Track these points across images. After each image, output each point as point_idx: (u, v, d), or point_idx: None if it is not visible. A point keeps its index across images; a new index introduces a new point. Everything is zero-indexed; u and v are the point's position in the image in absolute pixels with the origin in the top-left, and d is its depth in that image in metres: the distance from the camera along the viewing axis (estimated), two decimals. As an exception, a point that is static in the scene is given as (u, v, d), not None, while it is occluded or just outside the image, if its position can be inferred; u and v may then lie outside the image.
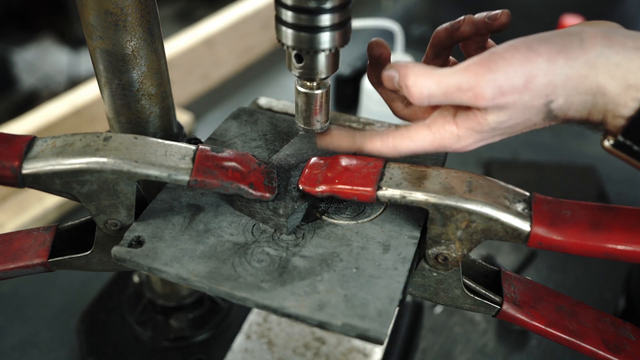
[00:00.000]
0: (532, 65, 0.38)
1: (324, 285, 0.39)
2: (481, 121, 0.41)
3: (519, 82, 0.38)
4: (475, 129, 0.42)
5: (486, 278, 0.47)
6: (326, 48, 0.41)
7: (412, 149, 0.44)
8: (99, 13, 0.45)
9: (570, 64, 0.38)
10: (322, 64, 0.43)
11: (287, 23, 0.41)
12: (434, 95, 0.40)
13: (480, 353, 0.78)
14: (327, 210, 0.46)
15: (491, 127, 0.41)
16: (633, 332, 0.44)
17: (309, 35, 0.41)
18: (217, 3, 1.72)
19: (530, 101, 0.39)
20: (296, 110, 0.47)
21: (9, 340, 0.78)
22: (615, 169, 1.06)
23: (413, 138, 0.44)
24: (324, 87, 0.45)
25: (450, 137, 0.43)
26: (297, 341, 0.69)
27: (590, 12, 1.43)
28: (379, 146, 0.45)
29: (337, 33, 0.41)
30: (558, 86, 0.38)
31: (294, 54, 0.43)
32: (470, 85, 0.39)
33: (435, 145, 0.43)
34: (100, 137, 0.42)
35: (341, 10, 0.40)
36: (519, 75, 0.38)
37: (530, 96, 0.39)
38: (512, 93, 0.39)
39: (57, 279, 0.85)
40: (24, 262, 0.46)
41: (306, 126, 0.47)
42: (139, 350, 0.70)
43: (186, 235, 0.43)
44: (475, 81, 0.39)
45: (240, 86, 1.32)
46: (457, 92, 0.39)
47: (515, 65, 0.38)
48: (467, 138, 0.42)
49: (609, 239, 0.37)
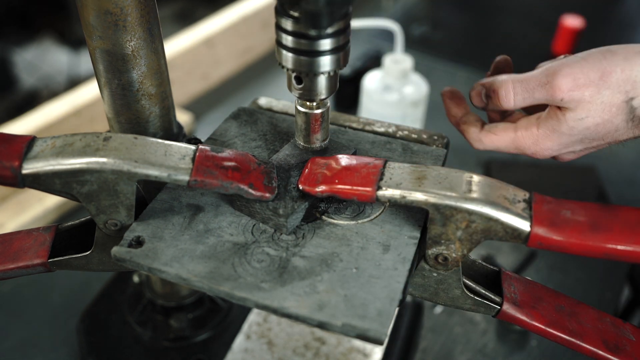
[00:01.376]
0: (608, 61, 0.40)
1: (324, 285, 0.39)
2: (560, 117, 0.43)
3: (594, 76, 0.40)
4: (554, 129, 0.43)
5: (486, 278, 0.47)
6: (325, 71, 0.42)
7: (495, 144, 0.47)
8: (98, 13, 0.45)
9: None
10: (322, 85, 0.44)
11: (287, 47, 0.42)
12: (517, 92, 0.43)
13: (480, 353, 0.78)
14: (327, 210, 0.46)
15: (569, 125, 0.42)
16: (633, 332, 0.44)
17: (309, 59, 0.42)
18: (217, 3, 1.72)
19: (608, 97, 0.40)
20: (296, 128, 0.48)
21: (9, 340, 0.77)
22: (615, 169, 1.06)
23: (498, 134, 0.47)
24: (324, 106, 0.46)
25: (530, 136, 0.45)
26: (297, 341, 0.69)
27: (590, 12, 1.43)
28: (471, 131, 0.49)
29: (336, 56, 0.42)
30: (638, 82, 0.40)
31: (294, 75, 0.44)
32: (548, 79, 0.42)
33: (516, 143, 0.46)
34: (100, 137, 0.42)
35: (340, 34, 0.41)
36: (595, 70, 0.40)
37: (609, 91, 0.40)
38: (588, 86, 0.40)
39: (57, 279, 0.85)
40: (24, 262, 0.46)
41: (306, 144, 0.49)
42: (139, 350, 0.70)
43: (186, 235, 0.43)
44: (553, 76, 0.41)
45: (240, 86, 1.32)
46: (538, 87, 0.42)
47: (592, 62, 0.41)
48: (545, 140, 0.44)
49: (609, 239, 0.37)
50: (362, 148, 0.52)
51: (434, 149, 0.52)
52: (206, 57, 1.26)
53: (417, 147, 0.52)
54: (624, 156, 1.11)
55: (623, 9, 1.63)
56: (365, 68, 1.16)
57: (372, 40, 1.41)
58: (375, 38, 1.41)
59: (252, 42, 1.37)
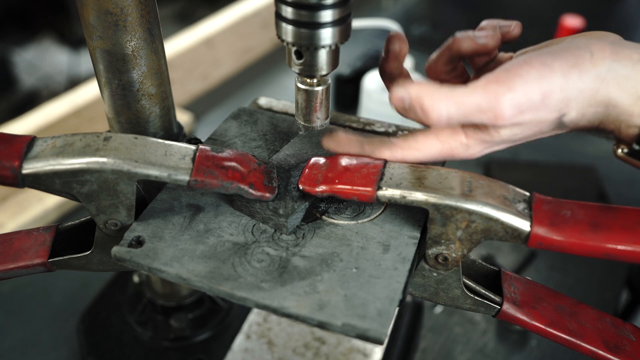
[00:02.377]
0: (548, 81, 0.39)
1: (324, 285, 0.39)
2: (493, 134, 0.42)
3: (536, 100, 0.39)
4: (485, 140, 0.42)
5: (486, 278, 0.47)
6: (326, 44, 0.41)
7: (420, 159, 0.44)
8: (99, 13, 0.45)
9: (582, 79, 0.39)
10: (323, 60, 0.43)
11: (287, 19, 0.41)
12: (453, 117, 0.40)
13: (480, 353, 0.78)
14: (327, 210, 0.46)
15: (503, 139, 0.42)
16: (633, 332, 0.44)
17: (309, 31, 0.40)
18: (217, 3, 1.72)
19: (544, 116, 0.40)
20: (296, 107, 0.47)
21: (9, 340, 0.77)
22: (615, 169, 1.06)
23: (421, 148, 0.44)
24: (324, 83, 0.45)
25: (459, 146, 0.43)
26: (297, 341, 0.69)
27: (590, 12, 1.43)
28: (387, 156, 0.44)
29: (338, 29, 0.41)
30: (571, 100, 0.39)
31: (294, 50, 0.43)
32: (490, 105, 0.39)
33: (444, 154, 0.44)
34: (100, 137, 0.42)
35: (341, 6, 0.40)
36: (536, 93, 0.39)
37: (546, 112, 0.40)
38: (530, 111, 0.39)
39: (57, 279, 0.85)
40: (24, 262, 0.46)
41: (306, 123, 0.47)
42: (139, 350, 0.70)
43: (186, 235, 0.43)
44: (495, 101, 0.39)
45: (240, 86, 1.32)
46: (478, 113, 0.39)
47: (532, 83, 0.39)
48: (475, 147, 0.43)
49: (609, 239, 0.37)
50: (362, 148, 0.52)
51: (434, 149, 0.52)
52: (206, 57, 1.26)
53: (417, 147, 0.52)
54: (624, 156, 1.11)
55: (623, 9, 1.63)
56: (365, 68, 1.16)
57: (372, 40, 1.41)
58: (375, 38, 1.41)
59: (252, 42, 1.37)
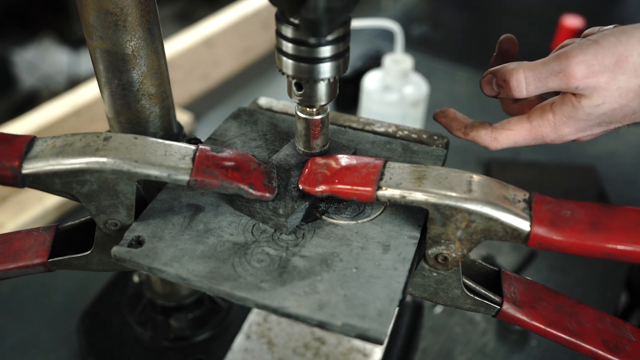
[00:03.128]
0: (624, 45, 0.39)
1: (324, 285, 0.39)
2: (575, 104, 0.41)
3: (609, 61, 0.39)
4: (570, 115, 0.42)
5: (486, 278, 0.47)
6: (325, 77, 0.42)
7: (512, 139, 0.46)
8: (99, 13, 0.45)
9: None
10: (322, 92, 0.44)
11: (287, 54, 0.42)
12: (530, 82, 0.42)
13: (480, 353, 0.78)
14: (327, 210, 0.46)
15: (586, 112, 0.41)
16: (633, 333, 0.44)
17: (309, 65, 0.42)
18: (217, 3, 1.72)
19: (625, 82, 0.39)
20: (296, 133, 0.48)
21: (9, 340, 0.77)
22: (615, 169, 1.06)
23: (513, 128, 0.46)
24: (324, 112, 0.46)
25: (547, 124, 0.44)
26: (297, 341, 0.69)
27: (590, 12, 1.43)
28: (482, 134, 0.47)
29: (336, 63, 0.42)
30: None
31: (294, 82, 0.44)
32: (561, 67, 0.40)
33: (533, 134, 0.45)
34: (100, 137, 0.42)
35: (340, 42, 0.41)
36: (609, 55, 0.39)
37: (625, 76, 0.39)
38: (603, 72, 0.39)
39: (57, 279, 0.85)
40: (24, 262, 0.46)
41: (306, 149, 0.49)
42: (139, 350, 0.70)
43: (186, 235, 0.43)
44: (566, 63, 0.40)
45: (240, 86, 1.32)
46: (551, 75, 0.41)
47: (607, 47, 0.39)
48: (563, 126, 0.43)
49: (609, 239, 0.37)
50: (362, 148, 0.52)
51: (434, 149, 0.52)
52: (206, 57, 1.26)
53: (417, 147, 0.52)
54: (624, 156, 1.11)
55: (623, 9, 1.63)
56: (365, 68, 1.16)
57: (372, 40, 1.41)
58: (375, 38, 1.41)
59: (252, 42, 1.37)
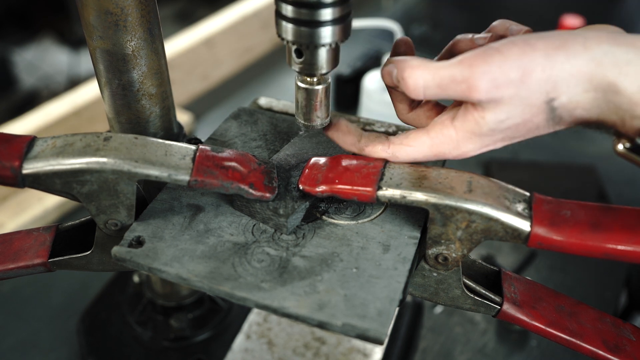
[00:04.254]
0: (529, 59, 0.37)
1: (324, 285, 0.39)
2: (479, 120, 0.40)
3: (514, 75, 0.37)
4: (474, 131, 0.40)
5: (486, 278, 0.47)
6: (326, 43, 0.41)
7: (411, 156, 0.43)
8: (99, 13, 0.45)
9: (571, 61, 0.37)
10: (323, 59, 0.43)
11: (287, 18, 0.40)
12: (429, 86, 0.40)
13: (480, 353, 0.78)
14: (327, 210, 0.46)
15: (490, 127, 0.40)
16: (633, 332, 0.44)
17: (309, 29, 0.40)
18: (217, 3, 1.72)
19: (528, 97, 0.38)
20: (296, 106, 0.47)
21: (9, 340, 0.77)
22: (615, 169, 1.06)
23: (412, 144, 0.43)
24: (325, 82, 0.45)
25: (449, 141, 0.42)
26: (297, 341, 0.69)
27: (590, 12, 1.43)
28: (379, 150, 0.44)
29: (338, 27, 0.41)
30: (559, 82, 0.37)
31: (294, 49, 0.42)
32: (464, 76, 0.38)
33: (434, 151, 0.43)
34: (100, 137, 0.42)
35: (342, 4, 0.40)
36: (514, 68, 0.37)
37: (528, 91, 0.38)
38: (508, 86, 0.38)
39: (57, 279, 0.85)
40: (24, 262, 0.46)
41: (306, 122, 0.47)
42: (139, 350, 0.70)
43: (186, 235, 0.43)
44: (470, 73, 0.38)
45: (240, 86, 1.32)
46: (452, 84, 0.39)
47: (511, 59, 0.37)
48: (466, 142, 0.41)
49: (609, 239, 0.37)
50: (362, 148, 0.52)
51: (434, 149, 0.52)
52: (206, 57, 1.26)
53: (417, 147, 0.52)
54: (624, 156, 1.11)
55: (623, 9, 1.63)
56: (365, 68, 1.16)
57: (372, 40, 1.41)
58: (375, 38, 1.41)
59: (252, 42, 1.37)
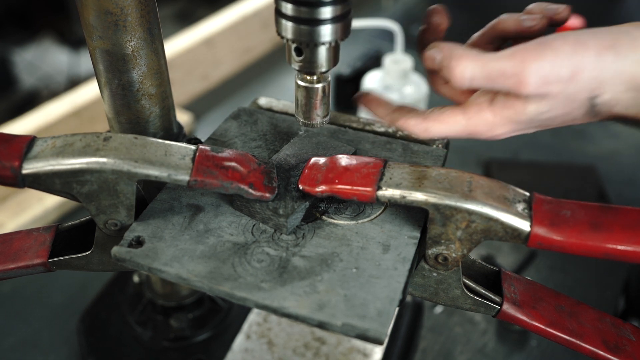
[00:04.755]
0: (580, 57, 0.38)
1: (324, 285, 0.39)
2: (520, 110, 0.40)
3: (565, 73, 0.38)
4: (512, 119, 0.41)
5: (486, 278, 0.47)
6: (326, 41, 0.41)
7: (445, 133, 0.43)
8: (99, 13, 0.45)
9: (619, 61, 0.38)
10: (322, 57, 0.43)
11: (287, 16, 0.40)
12: (476, 78, 0.39)
13: (480, 353, 0.78)
14: (327, 210, 0.46)
15: (529, 117, 0.40)
16: (633, 333, 0.44)
17: (309, 28, 0.40)
18: (217, 3, 1.72)
19: (574, 94, 0.39)
20: (296, 104, 0.47)
21: (9, 340, 0.77)
22: (615, 169, 1.06)
23: (446, 121, 0.43)
24: (324, 80, 0.45)
25: (484, 124, 0.42)
26: (297, 341, 0.69)
27: (590, 12, 1.43)
28: (412, 124, 0.44)
29: (338, 26, 0.41)
30: (605, 81, 0.38)
31: (294, 47, 0.42)
32: (515, 71, 0.38)
33: (469, 130, 0.43)
34: (100, 137, 0.42)
35: (341, 2, 0.40)
36: (565, 67, 0.38)
37: (575, 89, 0.38)
38: (557, 83, 0.38)
39: (57, 279, 0.85)
40: (24, 262, 0.46)
41: (306, 120, 0.47)
42: (139, 350, 0.70)
43: (186, 235, 0.43)
44: (521, 67, 0.38)
45: (240, 86, 1.32)
46: (501, 78, 0.39)
47: (563, 56, 0.38)
48: (501, 127, 0.41)
49: (609, 239, 0.37)
50: (362, 148, 0.52)
51: (434, 149, 0.52)
52: (206, 57, 1.26)
53: (417, 147, 0.52)
54: (624, 156, 1.11)
55: (623, 9, 1.63)
56: (365, 68, 1.16)
57: (372, 40, 1.41)
58: (375, 38, 1.41)
59: (252, 42, 1.37)
